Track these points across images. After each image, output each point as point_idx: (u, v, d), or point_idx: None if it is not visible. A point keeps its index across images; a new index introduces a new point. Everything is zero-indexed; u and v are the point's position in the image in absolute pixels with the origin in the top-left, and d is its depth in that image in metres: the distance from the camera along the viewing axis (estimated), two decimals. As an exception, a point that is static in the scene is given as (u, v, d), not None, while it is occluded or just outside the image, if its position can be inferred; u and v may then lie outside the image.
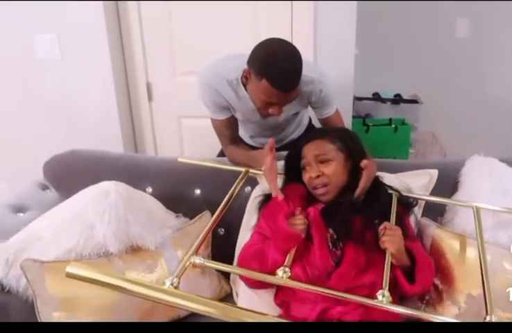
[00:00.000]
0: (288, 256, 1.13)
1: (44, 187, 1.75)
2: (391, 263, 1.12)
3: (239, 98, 1.53)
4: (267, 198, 1.40)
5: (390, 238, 1.15)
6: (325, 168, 1.28)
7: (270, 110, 1.42)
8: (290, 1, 2.02)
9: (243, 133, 1.84)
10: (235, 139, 1.68)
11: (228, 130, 1.64)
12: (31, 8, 2.08)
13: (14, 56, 2.19)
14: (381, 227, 1.19)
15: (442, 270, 1.32)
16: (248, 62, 1.39)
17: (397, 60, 3.11)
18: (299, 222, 1.19)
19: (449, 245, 1.35)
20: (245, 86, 1.49)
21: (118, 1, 2.14)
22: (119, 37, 2.20)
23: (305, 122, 1.92)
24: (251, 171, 1.50)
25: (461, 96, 3.14)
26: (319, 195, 1.30)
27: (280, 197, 1.31)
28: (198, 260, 1.09)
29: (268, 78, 1.31)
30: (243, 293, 1.38)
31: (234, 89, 1.52)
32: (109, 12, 2.10)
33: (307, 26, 2.05)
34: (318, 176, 1.27)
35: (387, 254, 1.13)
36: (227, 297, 1.46)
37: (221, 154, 1.78)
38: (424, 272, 1.19)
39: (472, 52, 3.07)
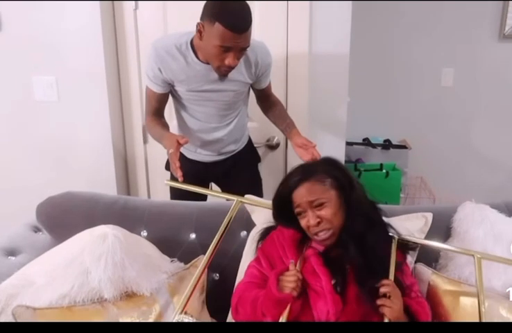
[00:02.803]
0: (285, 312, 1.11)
1: (36, 229, 1.72)
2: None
3: (187, 62, 1.65)
4: (267, 232, 1.38)
5: (391, 306, 1.12)
6: (322, 212, 1.21)
7: (227, 61, 1.53)
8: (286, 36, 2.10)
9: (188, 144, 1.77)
10: (159, 112, 1.83)
11: (157, 103, 1.79)
12: (30, 50, 2.12)
13: (12, 97, 2.21)
14: (382, 290, 1.15)
15: (438, 316, 1.32)
16: (201, 17, 1.51)
17: (387, 107, 3.22)
18: (291, 279, 1.15)
19: (445, 291, 1.35)
20: (194, 51, 1.62)
21: (118, 44, 2.19)
22: (117, 80, 2.25)
23: (247, 134, 2.00)
24: (243, 200, 1.50)
25: (448, 142, 3.25)
26: (322, 241, 1.23)
27: (180, 177, 1.48)
28: (187, 320, 1.10)
29: (221, 20, 1.44)
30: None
31: (182, 54, 1.64)
32: (108, 54, 2.14)
33: (302, 71, 2.12)
34: (319, 223, 1.21)
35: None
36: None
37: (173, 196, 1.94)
38: None
39: (457, 100, 3.20)
